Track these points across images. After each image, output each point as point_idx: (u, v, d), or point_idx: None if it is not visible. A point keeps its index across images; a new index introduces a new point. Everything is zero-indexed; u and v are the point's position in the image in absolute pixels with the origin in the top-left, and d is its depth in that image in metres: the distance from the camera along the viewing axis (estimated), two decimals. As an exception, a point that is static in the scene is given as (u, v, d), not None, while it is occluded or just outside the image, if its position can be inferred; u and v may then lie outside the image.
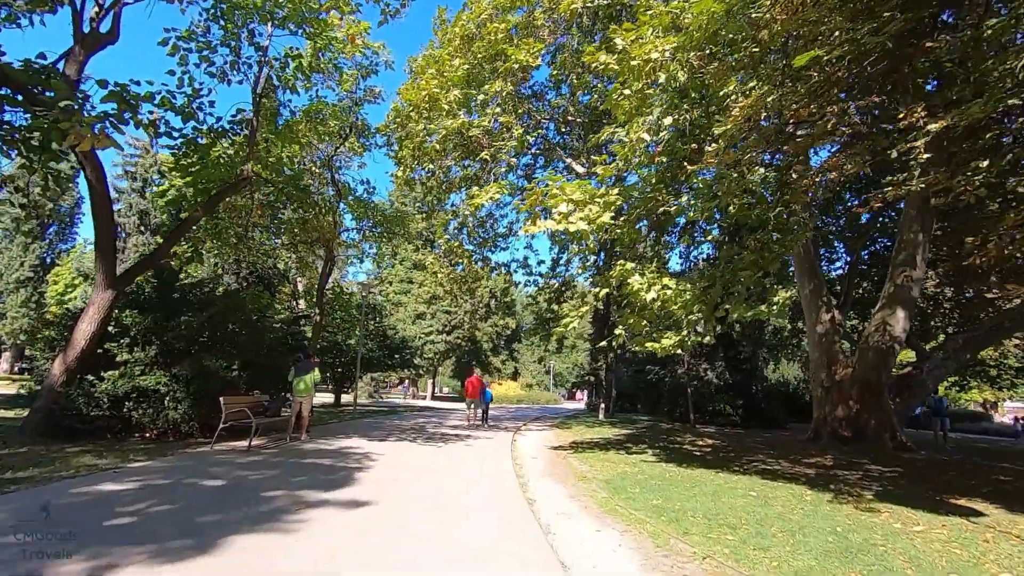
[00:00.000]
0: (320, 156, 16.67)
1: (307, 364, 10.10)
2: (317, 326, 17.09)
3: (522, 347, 59.45)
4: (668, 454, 10.78)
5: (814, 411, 14.92)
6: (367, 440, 10.50)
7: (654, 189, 8.33)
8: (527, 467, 8.62)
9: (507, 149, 11.55)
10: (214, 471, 6.33)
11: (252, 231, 13.96)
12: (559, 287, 21.81)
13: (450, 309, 41.88)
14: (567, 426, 18.40)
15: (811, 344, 15.21)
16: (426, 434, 12.63)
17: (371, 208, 18.36)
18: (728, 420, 21.29)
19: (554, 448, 11.68)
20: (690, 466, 9.12)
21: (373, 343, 24.84)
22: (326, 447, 9.16)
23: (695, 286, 7.56)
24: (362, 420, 15.88)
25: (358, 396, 34.60)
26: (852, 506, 6.16)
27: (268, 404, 9.55)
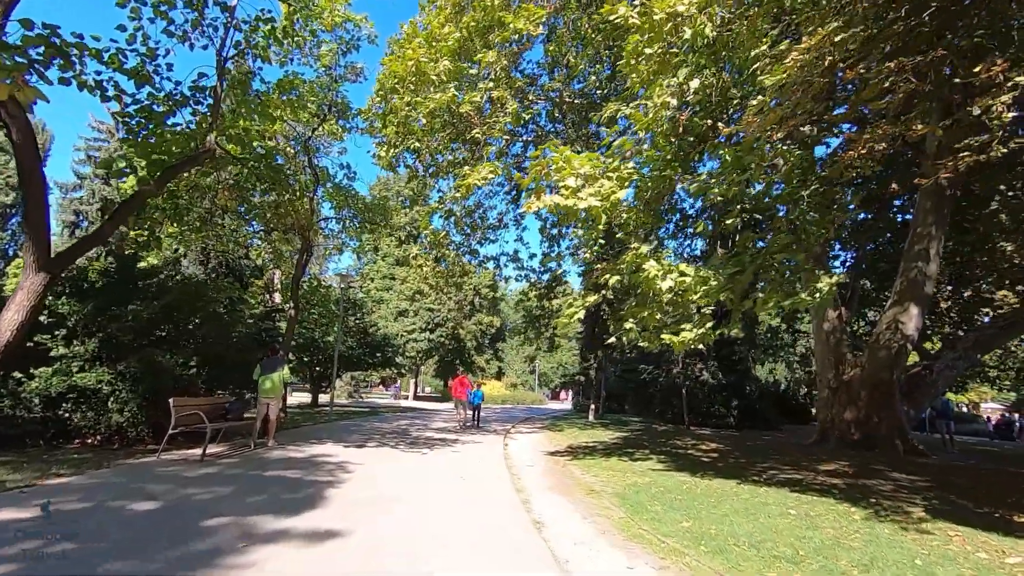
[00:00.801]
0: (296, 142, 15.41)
1: (274, 360, 8.96)
2: (292, 320, 15.83)
3: (507, 346, 58.44)
4: (675, 461, 9.86)
5: (819, 413, 14.20)
6: (342, 446, 9.39)
7: (667, 166, 7.40)
8: (525, 478, 7.61)
9: (501, 126, 10.51)
10: (152, 489, 5.19)
11: (219, 215, 12.71)
12: (549, 282, 20.87)
13: (433, 306, 40.69)
14: (558, 428, 17.45)
15: (817, 343, 14.50)
16: (409, 438, 11.54)
17: (351, 196, 17.17)
18: (722, 422, 20.58)
19: (550, 454, 10.70)
20: (704, 475, 8.20)
21: (353, 340, 23.58)
22: (295, 455, 8.04)
23: (719, 273, 6.63)
24: (339, 422, 14.71)
25: (337, 396, 33.30)
26: (912, 528, 5.27)
27: (230, 406, 8.41)
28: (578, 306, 7.67)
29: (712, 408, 20.49)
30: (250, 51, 10.32)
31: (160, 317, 8.70)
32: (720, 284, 6.49)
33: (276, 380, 8.77)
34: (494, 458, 9.47)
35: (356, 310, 24.38)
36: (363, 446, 9.65)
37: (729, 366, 22.56)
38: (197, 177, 11.42)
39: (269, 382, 8.71)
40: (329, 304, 19.98)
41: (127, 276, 9.29)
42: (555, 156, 7.03)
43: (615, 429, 17.62)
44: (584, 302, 7.73)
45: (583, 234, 7.96)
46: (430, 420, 18.35)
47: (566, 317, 7.64)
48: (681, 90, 6.52)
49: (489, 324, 49.65)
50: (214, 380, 9.87)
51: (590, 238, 7.90)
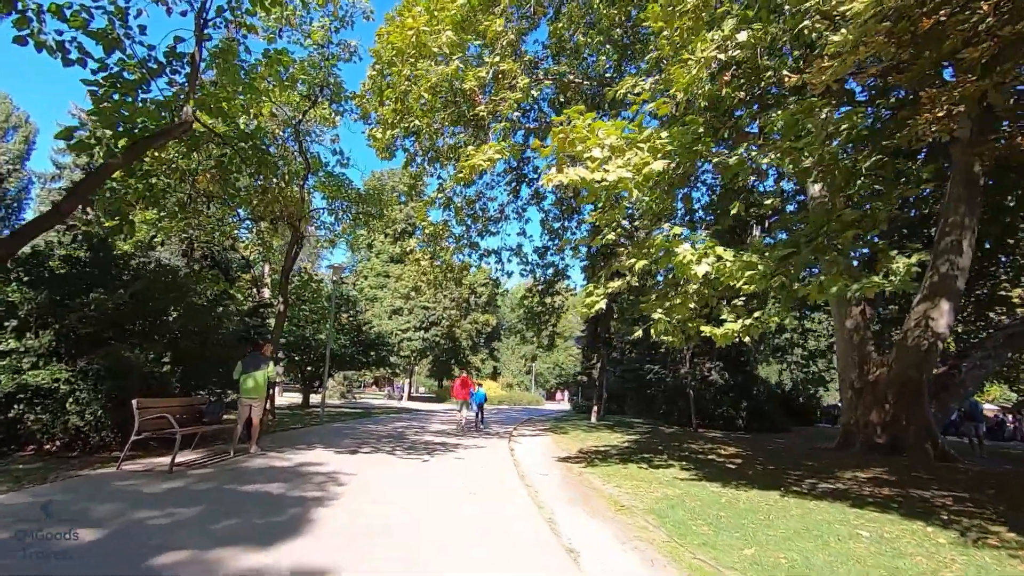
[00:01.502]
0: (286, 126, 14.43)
1: (258, 357, 8.01)
2: (280, 316, 14.85)
3: (503, 346, 57.55)
4: (699, 468, 9.00)
5: (842, 415, 13.40)
6: (334, 452, 8.44)
7: (696, 141, 6.54)
8: (542, 489, 6.72)
9: (509, 102, 9.61)
10: (98, 511, 4.25)
11: (201, 201, 11.73)
12: (551, 277, 20.00)
13: (428, 304, 39.70)
14: (562, 430, 16.56)
15: (839, 341, 13.69)
16: (407, 443, 10.61)
17: (344, 186, 16.21)
18: (730, 424, 19.79)
19: (562, 460, 9.81)
20: (739, 486, 7.35)
21: (346, 338, 22.59)
22: (280, 463, 7.09)
23: (768, 256, 5.77)
24: (331, 425, 13.74)
25: (329, 396, 32.23)
26: (1013, 554, 4.43)
27: (207, 408, 7.45)
28: (599, 294, 6.80)
29: (720, 410, 19.68)
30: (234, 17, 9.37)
31: (128, 307, 7.72)
32: (768, 268, 5.63)
33: (260, 379, 7.82)
34: (502, 465, 8.57)
35: (349, 306, 23.38)
36: (356, 452, 8.71)
37: (736, 366, 21.79)
38: (177, 158, 10.45)
39: (252, 381, 7.76)
40: (321, 300, 18.98)
41: (100, 263, 8.31)
42: (578, 124, 6.15)
43: (621, 432, 16.77)
44: (606, 289, 6.85)
45: (605, 215, 7.07)
46: (427, 422, 17.42)
47: (586, 306, 6.78)
48: (726, 45, 5.65)
49: (485, 323, 48.73)
50: (191, 379, 8.88)
51: (613, 219, 7.02)
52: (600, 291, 6.79)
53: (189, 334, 8.81)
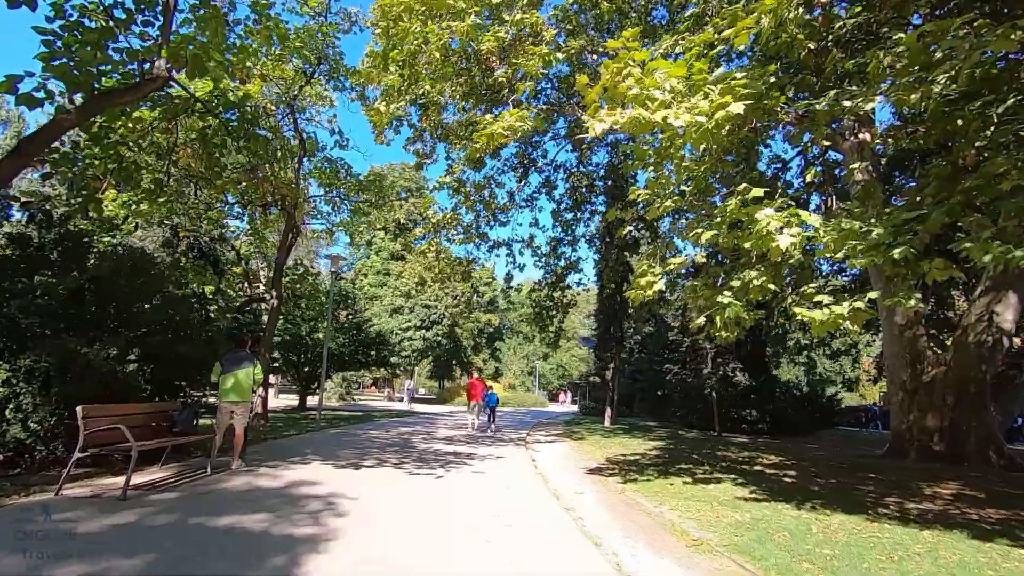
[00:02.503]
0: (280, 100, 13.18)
1: (240, 355, 6.76)
2: (274, 312, 13.61)
3: (505, 346, 56.35)
4: (754, 484, 7.78)
5: (892, 419, 12.20)
6: (332, 467, 7.20)
7: (766, 95, 5.33)
8: (586, 514, 5.49)
9: (536, 60, 8.38)
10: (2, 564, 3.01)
11: (183, 182, 10.51)
12: (563, 270, 18.78)
13: (429, 303, 38.44)
14: (578, 436, 15.33)
15: (887, 338, 12.48)
16: (414, 453, 9.36)
17: (343, 171, 14.98)
18: (753, 427, 18.57)
19: (592, 472, 8.60)
20: (816, 508, 6.13)
21: (344, 337, 21.35)
22: (266, 483, 5.85)
23: (877, 222, 4.56)
24: (329, 431, 12.48)
25: (327, 398, 30.91)
26: None
27: (179, 415, 6.21)
28: (656, 274, 5.57)
29: (743, 413, 18.45)
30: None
31: (87, 295, 6.48)
32: (886, 236, 4.41)
33: (242, 380, 6.58)
34: (528, 481, 7.34)
35: (348, 303, 22.12)
36: (359, 466, 7.46)
37: (758, 366, 20.58)
38: (153, 129, 9.21)
39: (232, 381, 6.51)
40: (318, 296, 17.72)
41: (56, 244, 7.07)
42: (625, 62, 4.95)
43: (641, 436, 15.56)
44: (664, 268, 5.63)
45: (659, 180, 5.84)
46: (433, 427, 16.18)
47: (641, 289, 5.55)
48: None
49: (487, 322, 47.52)
50: (168, 381, 7.62)
51: (667, 185, 5.79)
52: (658, 270, 5.56)
53: (164, 328, 7.55)
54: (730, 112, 4.67)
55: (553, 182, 18.03)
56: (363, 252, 46.38)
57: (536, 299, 19.37)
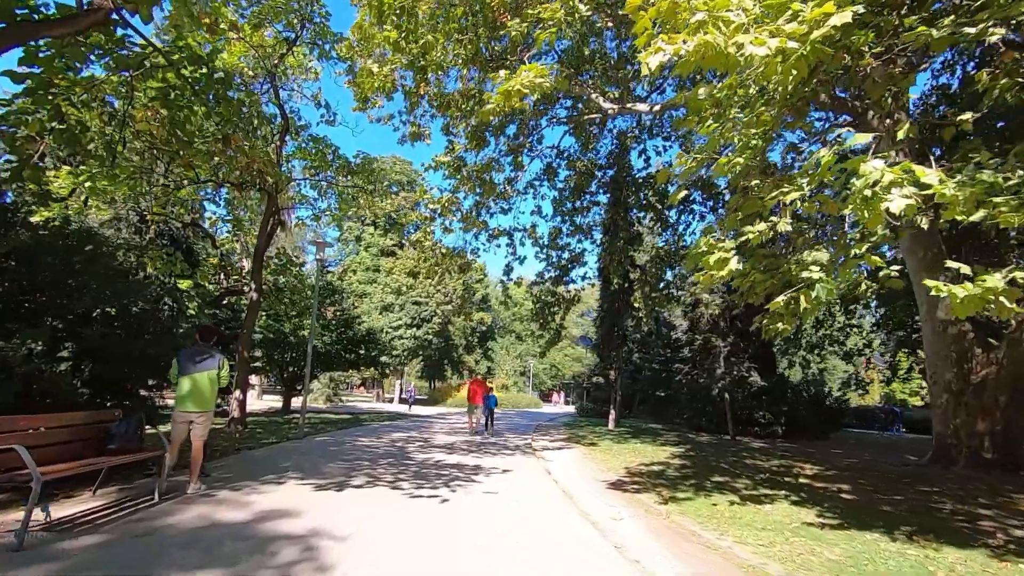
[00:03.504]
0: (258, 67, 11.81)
1: (203, 351, 5.46)
2: (254, 305, 12.25)
3: (497, 345, 55.08)
4: (813, 502, 6.64)
5: (935, 423, 11.15)
6: (314, 488, 5.91)
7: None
8: (640, 551, 4.28)
9: (555, 11, 7.15)
10: None
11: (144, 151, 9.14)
12: (566, 263, 17.61)
13: (419, 299, 37.05)
14: (587, 441, 14.14)
15: (928, 336, 11.42)
16: (412, 465, 8.09)
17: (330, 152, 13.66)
18: (766, 431, 17.51)
19: (616, 486, 7.43)
20: (922, 542, 4.99)
21: (331, 334, 19.97)
22: (227, 517, 4.56)
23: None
24: (313, 439, 11.15)
25: (314, 400, 29.45)
26: None
27: (116, 427, 4.91)
28: (728, 249, 4.39)
29: (757, 415, 17.38)
30: None
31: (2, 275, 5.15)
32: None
33: (203, 384, 5.28)
34: (553, 504, 6.12)
35: (335, 298, 20.74)
36: (345, 485, 6.18)
37: (764, 366, 19.53)
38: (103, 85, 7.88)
39: (189, 385, 5.21)
40: (303, 289, 16.35)
41: None
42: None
43: (651, 441, 14.42)
44: (738, 240, 4.44)
45: (727, 130, 4.65)
46: (429, 431, 14.90)
47: (711, 269, 4.37)
48: None
49: (480, 321, 46.24)
50: (114, 383, 6.29)
51: (759, 125, 4.58)
52: (729, 245, 4.38)
53: (110, 318, 6.22)
54: (831, 29, 3.50)
55: (555, 168, 16.86)
56: (352, 248, 44.89)
57: (537, 294, 18.16)
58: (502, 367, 54.86)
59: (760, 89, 5.07)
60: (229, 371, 5.61)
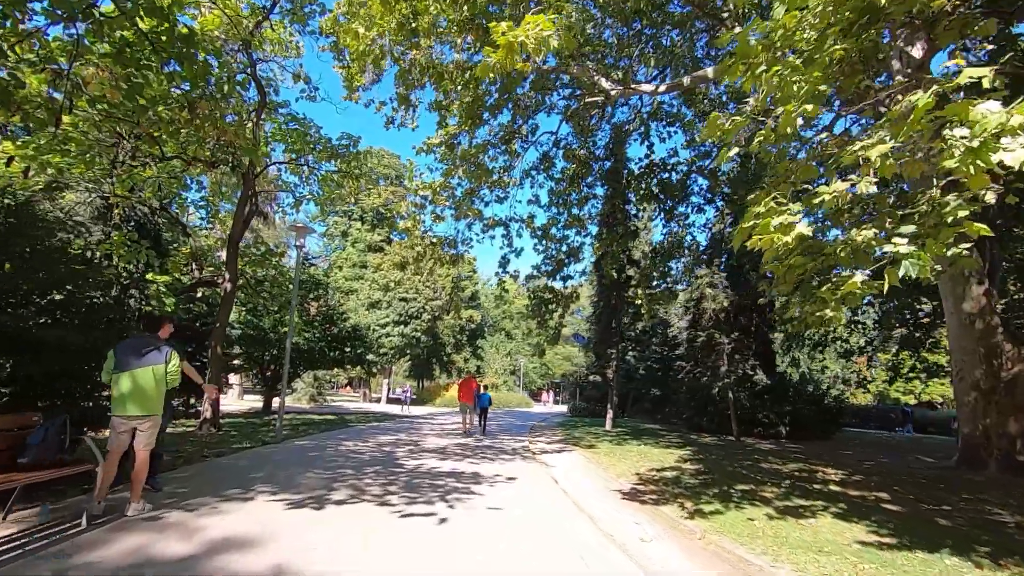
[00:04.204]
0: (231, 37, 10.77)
1: (147, 344, 4.48)
2: (228, 297, 11.24)
3: (487, 343, 54.15)
4: (864, 517, 5.86)
5: (962, 424, 10.49)
6: (285, 506, 4.98)
7: None
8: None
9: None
10: None
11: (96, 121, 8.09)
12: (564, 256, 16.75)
13: (407, 296, 35.99)
14: (586, 443, 13.30)
15: (953, 331, 10.75)
16: (402, 474, 7.17)
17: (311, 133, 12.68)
18: (768, 431, 16.81)
19: (630, 497, 6.60)
20: (1008, 568, 4.21)
21: (315, 331, 18.92)
22: (168, 551, 3.61)
23: None
24: (291, 443, 10.15)
25: (297, 400, 28.29)
26: None
27: (32, 437, 3.94)
28: (795, 212, 3.56)
29: (760, 415, 16.68)
30: None
31: None
32: None
33: (145, 382, 4.31)
34: (567, 521, 5.25)
35: (319, 292, 19.68)
36: (324, 500, 5.25)
37: (765, 364, 18.86)
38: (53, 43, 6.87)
39: (128, 384, 4.25)
40: (284, 282, 15.30)
41: None
42: None
43: (653, 443, 13.64)
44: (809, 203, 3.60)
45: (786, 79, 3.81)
46: (418, 433, 13.96)
47: (770, 234, 3.53)
48: None
49: (469, 319, 45.26)
50: (47, 382, 5.29)
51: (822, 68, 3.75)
52: (796, 207, 3.54)
53: (31, 302, 5.23)
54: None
55: (552, 157, 16.02)
56: (338, 243, 43.68)
57: (534, 289, 17.28)
58: (491, 366, 53.94)
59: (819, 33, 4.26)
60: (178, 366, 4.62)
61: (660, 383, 25.61)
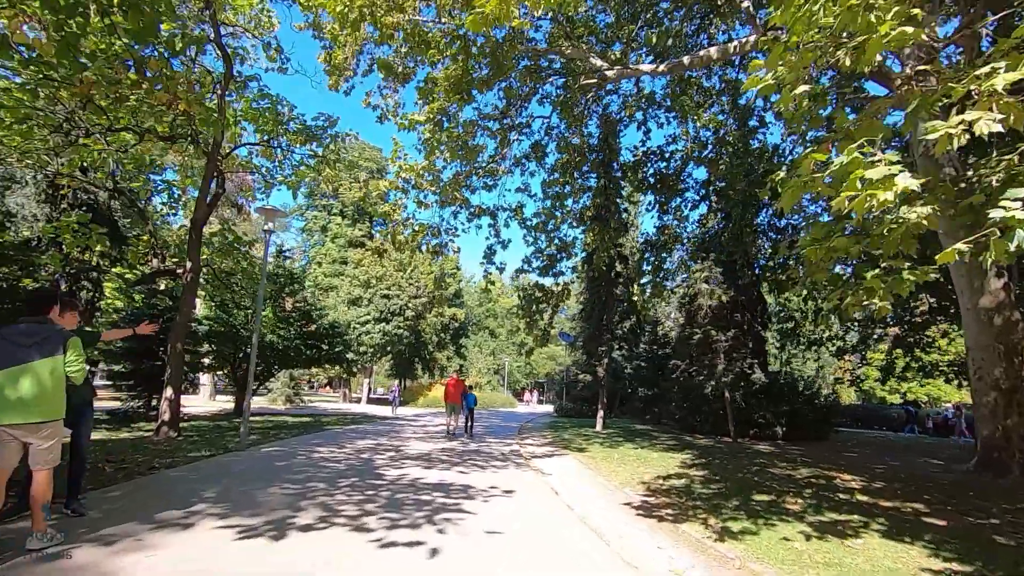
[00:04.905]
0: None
1: (31, 332, 3.47)
2: (190, 286, 10.17)
3: (470, 342, 53.18)
4: (916, 536, 5.13)
5: (981, 426, 9.91)
6: (236, 534, 4.04)
7: None
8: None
9: None
10: None
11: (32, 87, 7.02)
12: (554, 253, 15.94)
13: (389, 292, 34.84)
14: (576, 446, 12.49)
15: (970, 328, 10.17)
16: (382, 488, 6.25)
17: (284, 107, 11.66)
18: (764, 432, 16.20)
19: (642, 511, 5.78)
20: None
21: (290, 328, 17.79)
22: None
23: None
24: (257, 451, 9.10)
25: (272, 401, 27.00)
26: None
27: None
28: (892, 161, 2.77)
29: (757, 415, 16.06)
30: None
31: None
32: None
33: (29, 380, 3.31)
34: (582, 546, 4.40)
35: (294, 285, 18.55)
36: (286, 526, 4.32)
37: (761, 363, 18.29)
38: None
39: (10, 388, 3.26)
40: (257, 274, 14.18)
41: None
42: None
43: (648, 445, 12.92)
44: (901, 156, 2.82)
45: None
46: (400, 436, 13.00)
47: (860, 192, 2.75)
48: None
49: (452, 317, 44.22)
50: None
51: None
52: (893, 156, 2.75)
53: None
54: None
55: (544, 146, 15.20)
56: (318, 239, 42.28)
57: (523, 287, 16.44)
58: (475, 365, 52.98)
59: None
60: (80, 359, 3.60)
61: (649, 382, 24.96)
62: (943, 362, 19.45)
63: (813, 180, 3.37)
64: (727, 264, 16.64)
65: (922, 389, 31.29)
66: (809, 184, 3.41)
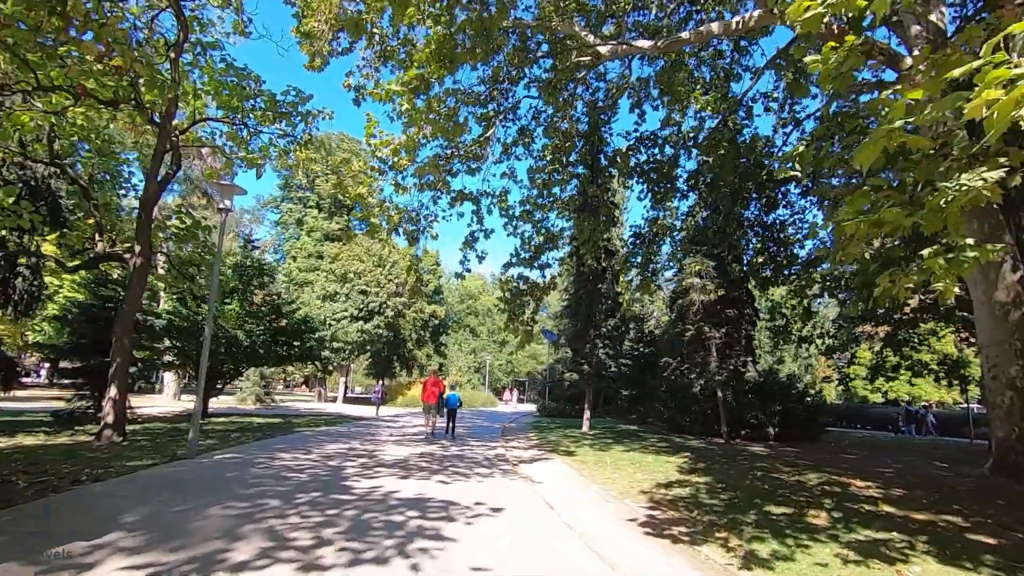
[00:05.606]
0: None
1: None
2: (140, 272, 9.08)
3: (450, 340, 52.12)
4: (965, 554, 4.44)
5: (995, 427, 9.37)
6: (143, 573, 3.12)
7: None
8: None
9: None
10: None
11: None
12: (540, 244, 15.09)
13: (367, 288, 33.64)
14: (563, 449, 11.72)
15: (984, 323, 9.62)
16: (348, 506, 5.32)
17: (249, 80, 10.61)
18: (756, 433, 15.63)
19: (650, 528, 5.01)
20: None
21: (258, 323, 16.64)
22: None
23: None
24: (207, 458, 8.04)
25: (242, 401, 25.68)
26: None
27: None
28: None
29: (749, 415, 15.47)
30: None
31: None
32: None
33: None
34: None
35: (263, 277, 17.39)
36: (215, 566, 3.41)
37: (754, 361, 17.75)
38: None
39: None
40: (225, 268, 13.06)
41: None
42: None
43: (639, 448, 12.21)
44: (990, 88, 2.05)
45: None
46: (375, 439, 12.02)
47: (1003, 111, 1.98)
48: None
49: (432, 314, 43.14)
50: None
51: None
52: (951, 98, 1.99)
53: None
54: None
55: (531, 131, 14.36)
56: (293, 232, 40.78)
57: (508, 279, 15.55)
58: (455, 363, 51.95)
59: None
60: None
61: (635, 381, 24.33)
62: (932, 361, 19.17)
63: (892, 132, 2.59)
64: (718, 259, 16.06)
65: (905, 388, 31.30)
66: (895, 135, 2.62)
